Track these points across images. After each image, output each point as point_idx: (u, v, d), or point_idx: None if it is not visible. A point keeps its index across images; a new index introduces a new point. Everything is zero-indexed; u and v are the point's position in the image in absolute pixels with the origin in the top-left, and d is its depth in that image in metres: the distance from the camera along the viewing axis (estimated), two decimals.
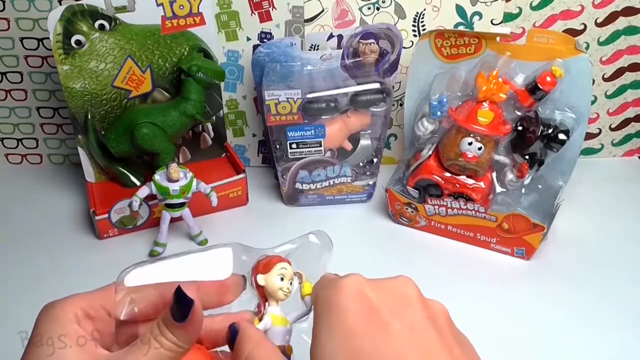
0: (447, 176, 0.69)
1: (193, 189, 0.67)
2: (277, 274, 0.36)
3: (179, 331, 0.31)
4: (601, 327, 0.58)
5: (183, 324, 0.31)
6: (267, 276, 0.36)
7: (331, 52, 0.69)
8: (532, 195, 0.70)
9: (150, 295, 0.34)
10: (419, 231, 0.72)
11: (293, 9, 0.74)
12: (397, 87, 0.79)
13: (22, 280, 0.65)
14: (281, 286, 0.36)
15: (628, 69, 0.79)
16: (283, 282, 0.36)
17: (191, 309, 0.31)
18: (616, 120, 0.84)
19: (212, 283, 0.36)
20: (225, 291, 0.36)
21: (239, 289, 0.37)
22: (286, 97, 0.67)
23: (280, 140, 0.71)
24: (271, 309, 0.36)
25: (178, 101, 0.71)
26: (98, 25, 0.67)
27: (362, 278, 0.31)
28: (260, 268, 0.36)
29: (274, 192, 0.79)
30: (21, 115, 0.82)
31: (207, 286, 0.35)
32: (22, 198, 0.79)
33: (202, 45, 0.72)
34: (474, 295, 0.62)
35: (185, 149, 0.79)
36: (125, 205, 0.69)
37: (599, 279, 0.64)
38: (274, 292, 0.36)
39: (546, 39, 0.64)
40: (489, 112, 0.64)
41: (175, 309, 0.31)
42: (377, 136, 0.73)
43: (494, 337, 0.57)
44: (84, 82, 0.69)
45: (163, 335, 0.31)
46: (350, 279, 0.31)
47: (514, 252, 0.67)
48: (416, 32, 0.76)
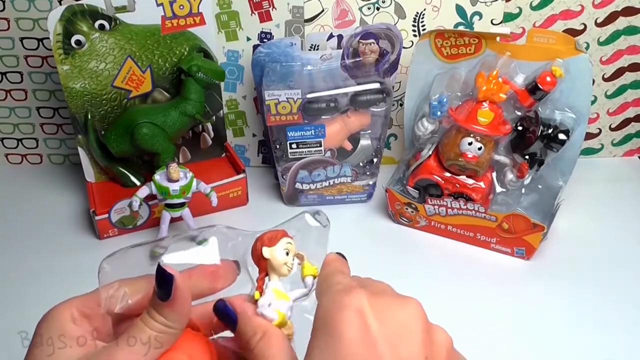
0: (447, 176, 0.69)
1: (193, 189, 0.67)
2: (283, 248, 0.35)
3: (166, 310, 0.31)
4: (601, 327, 0.58)
5: (168, 302, 0.31)
6: (272, 249, 0.35)
7: (331, 52, 0.69)
8: (532, 195, 0.70)
9: (142, 287, 0.34)
10: (419, 231, 0.72)
11: (293, 9, 0.74)
12: (397, 87, 0.79)
13: (22, 280, 0.65)
14: (286, 261, 0.35)
15: (628, 69, 0.79)
16: (288, 257, 0.35)
17: (172, 284, 0.31)
18: (616, 120, 0.84)
19: (203, 269, 0.35)
20: (217, 277, 0.36)
21: (233, 274, 0.37)
22: (286, 97, 0.67)
23: (280, 140, 0.71)
24: (272, 284, 0.35)
25: (178, 101, 0.71)
26: (98, 25, 0.67)
27: (366, 299, 0.30)
28: (265, 241, 0.36)
29: (274, 192, 0.79)
30: (21, 115, 0.82)
31: (198, 273, 0.35)
32: (22, 198, 0.79)
33: (202, 45, 0.72)
34: (474, 295, 0.62)
35: (185, 149, 0.79)
36: (125, 205, 0.69)
37: (599, 278, 0.64)
38: (279, 266, 0.35)
39: (546, 39, 0.64)
40: (489, 112, 0.64)
41: (158, 287, 0.31)
42: (377, 136, 0.73)
43: (493, 337, 0.57)
44: (84, 82, 0.69)
45: (152, 318, 0.31)
46: (354, 298, 0.30)
47: (514, 252, 0.67)
48: (416, 32, 0.76)
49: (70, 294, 0.35)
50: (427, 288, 0.62)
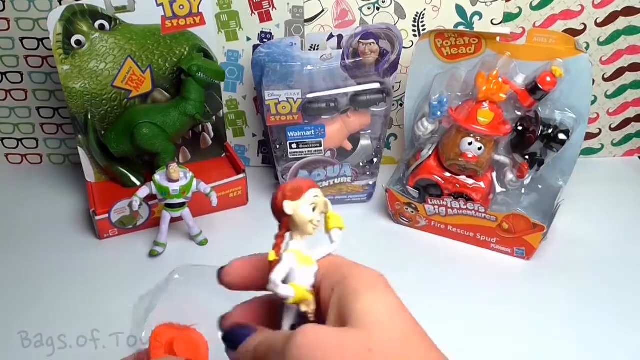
0: (447, 176, 0.69)
1: (193, 189, 0.67)
2: (310, 203, 0.29)
3: None
4: (601, 327, 0.58)
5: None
6: (296, 204, 0.29)
7: (331, 52, 0.69)
8: (532, 195, 0.70)
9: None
10: (419, 231, 0.72)
11: (293, 9, 0.74)
12: (397, 87, 0.79)
13: (22, 280, 0.65)
14: (312, 218, 0.29)
15: (628, 69, 0.79)
16: (314, 214, 0.29)
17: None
18: (616, 120, 0.84)
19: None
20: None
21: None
22: (286, 97, 0.67)
23: (280, 140, 0.71)
24: (294, 244, 0.29)
25: (178, 101, 0.71)
26: (98, 25, 0.67)
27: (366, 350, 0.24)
28: (288, 192, 0.29)
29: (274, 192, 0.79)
30: (21, 115, 0.82)
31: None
32: (22, 198, 0.79)
33: (202, 45, 0.72)
34: (474, 295, 0.62)
35: (185, 149, 0.79)
36: (125, 205, 0.69)
37: (599, 278, 0.64)
38: (303, 225, 0.29)
39: (546, 39, 0.64)
40: (489, 112, 0.64)
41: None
42: (377, 136, 0.73)
43: (493, 337, 0.57)
44: (84, 82, 0.69)
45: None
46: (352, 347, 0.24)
47: (514, 252, 0.67)
48: (416, 32, 0.76)
49: (70, 294, 0.35)
50: (427, 288, 0.62)
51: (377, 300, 0.26)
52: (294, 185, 0.29)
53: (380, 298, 0.26)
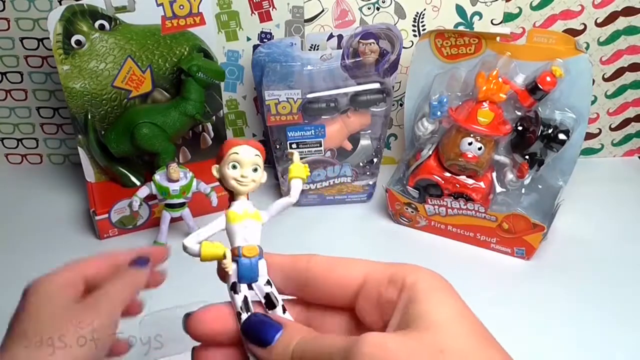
0: (447, 176, 0.69)
1: (193, 189, 0.67)
2: (230, 162, 0.31)
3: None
4: (601, 327, 0.58)
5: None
6: (218, 167, 0.31)
7: (331, 52, 0.69)
8: (532, 195, 0.70)
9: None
10: (419, 231, 0.72)
11: (293, 9, 0.74)
12: (397, 87, 0.79)
13: (22, 280, 0.64)
14: (234, 175, 0.31)
15: (628, 69, 0.79)
16: (235, 171, 0.31)
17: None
18: (616, 120, 0.83)
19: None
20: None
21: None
22: (286, 97, 0.67)
23: (280, 140, 0.71)
24: (237, 204, 0.32)
25: (178, 101, 0.71)
26: (98, 25, 0.67)
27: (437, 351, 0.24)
28: (216, 158, 0.32)
29: (274, 192, 0.79)
30: (21, 115, 0.82)
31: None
32: (22, 198, 0.79)
33: (202, 45, 0.72)
34: (474, 295, 0.62)
35: (185, 149, 0.79)
36: (125, 205, 0.69)
37: (599, 278, 0.64)
38: (227, 183, 0.31)
39: (546, 39, 0.64)
40: (489, 112, 0.64)
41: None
42: (377, 136, 0.73)
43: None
44: (84, 82, 0.69)
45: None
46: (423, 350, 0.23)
47: (514, 252, 0.67)
48: (416, 32, 0.76)
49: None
50: None
51: (442, 303, 0.26)
52: (220, 150, 0.31)
53: (445, 300, 0.27)
